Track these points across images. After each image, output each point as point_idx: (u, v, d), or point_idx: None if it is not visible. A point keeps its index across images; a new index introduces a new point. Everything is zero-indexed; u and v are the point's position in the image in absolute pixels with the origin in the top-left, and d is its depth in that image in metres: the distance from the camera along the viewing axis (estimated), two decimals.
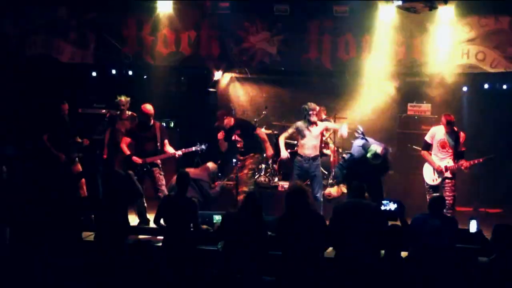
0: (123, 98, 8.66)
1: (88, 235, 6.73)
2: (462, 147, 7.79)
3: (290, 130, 8.20)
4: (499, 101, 9.97)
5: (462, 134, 7.80)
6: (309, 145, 8.03)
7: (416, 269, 5.42)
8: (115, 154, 8.52)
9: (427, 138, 7.96)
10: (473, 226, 6.85)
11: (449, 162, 7.75)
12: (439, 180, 7.77)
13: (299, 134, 8.10)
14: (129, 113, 8.74)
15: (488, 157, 7.80)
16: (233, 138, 8.33)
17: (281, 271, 5.39)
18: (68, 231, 6.05)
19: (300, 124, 8.09)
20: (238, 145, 8.40)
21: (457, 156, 7.75)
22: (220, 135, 8.44)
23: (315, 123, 8.06)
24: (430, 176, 7.86)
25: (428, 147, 7.96)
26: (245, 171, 8.41)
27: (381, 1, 9.08)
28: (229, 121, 8.43)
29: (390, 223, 5.90)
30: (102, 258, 5.62)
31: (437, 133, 7.87)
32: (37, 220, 5.90)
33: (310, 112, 7.98)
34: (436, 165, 7.77)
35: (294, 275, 5.27)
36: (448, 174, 7.73)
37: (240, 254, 5.57)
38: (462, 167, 7.69)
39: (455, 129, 7.79)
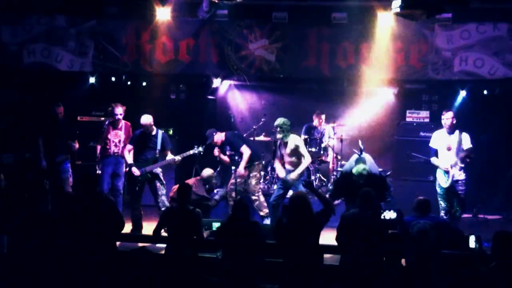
0: (118, 106, 8.56)
1: None
2: (466, 145, 7.82)
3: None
4: (497, 108, 9.97)
5: (464, 134, 7.86)
6: (286, 160, 8.05)
7: (416, 277, 5.40)
8: (106, 164, 8.55)
9: (431, 144, 8.06)
10: (472, 242, 6.73)
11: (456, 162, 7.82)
12: (450, 181, 7.80)
13: (277, 148, 8.19)
14: (123, 122, 8.70)
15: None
16: (227, 153, 8.44)
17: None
18: None
19: (275, 136, 8.12)
20: (236, 158, 8.45)
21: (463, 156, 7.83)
22: (216, 152, 8.60)
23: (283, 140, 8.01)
24: (441, 180, 7.91)
25: (435, 152, 8.05)
26: (250, 181, 8.40)
27: (379, 8, 9.09)
28: (220, 137, 8.45)
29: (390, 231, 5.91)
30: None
31: (440, 137, 7.99)
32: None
33: (286, 127, 7.96)
34: (444, 166, 7.83)
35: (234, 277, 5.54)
36: (458, 175, 7.79)
37: (238, 261, 5.58)
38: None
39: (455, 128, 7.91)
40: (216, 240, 6.05)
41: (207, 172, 8.81)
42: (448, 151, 7.86)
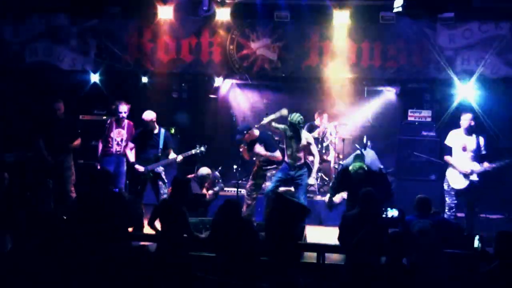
0: (123, 104, 8.59)
1: None
2: (484, 150, 7.87)
3: (281, 127, 8.08)
4: (499, 107, 9.94)
5: (481, 138, 7.92)
6: (294, 155, 7.99)
7: (418, 276, 5.40)
8: (107, 163, 8.52)
9: (447, 142, 8.06)
10: (476, 242, 6.72)
11: (475, 166, 7.81)
12: (466, 183, 7.83)
13: (285, 139, 8.06)
14: (126, 121, 8.69)
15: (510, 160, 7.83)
16: (256, 150, 8.29)
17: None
18: None
19: (288, 130, 7.99)
20: (261, 157, 8.36)
21: (480, 159, 7.86)
22: (241, 148, 8.57)
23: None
24: (454, 180, 7.90)
25: (449, 151, 8.05)
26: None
27: (381, 7, 9.08)
28: (252, 135, 8.31)
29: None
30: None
31: (456, 136, 7.98)
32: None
33: (302, 125, 8.02)
34: (463, 169, 7.82)
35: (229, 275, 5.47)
36: (474, 177, 7.81)
37: (230, 261, 5.59)
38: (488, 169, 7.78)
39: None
40: (208, 239, 6.04)
41: (203, 171, 8.67)
42: (463, 151, 7.90)
